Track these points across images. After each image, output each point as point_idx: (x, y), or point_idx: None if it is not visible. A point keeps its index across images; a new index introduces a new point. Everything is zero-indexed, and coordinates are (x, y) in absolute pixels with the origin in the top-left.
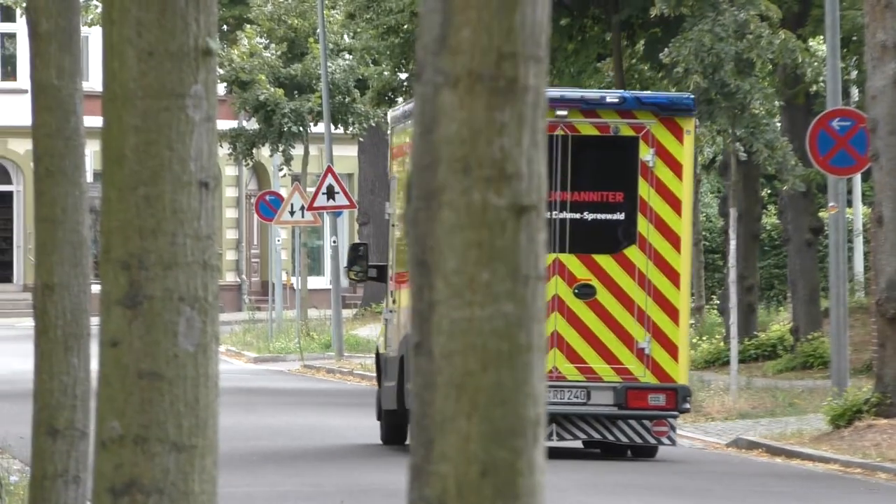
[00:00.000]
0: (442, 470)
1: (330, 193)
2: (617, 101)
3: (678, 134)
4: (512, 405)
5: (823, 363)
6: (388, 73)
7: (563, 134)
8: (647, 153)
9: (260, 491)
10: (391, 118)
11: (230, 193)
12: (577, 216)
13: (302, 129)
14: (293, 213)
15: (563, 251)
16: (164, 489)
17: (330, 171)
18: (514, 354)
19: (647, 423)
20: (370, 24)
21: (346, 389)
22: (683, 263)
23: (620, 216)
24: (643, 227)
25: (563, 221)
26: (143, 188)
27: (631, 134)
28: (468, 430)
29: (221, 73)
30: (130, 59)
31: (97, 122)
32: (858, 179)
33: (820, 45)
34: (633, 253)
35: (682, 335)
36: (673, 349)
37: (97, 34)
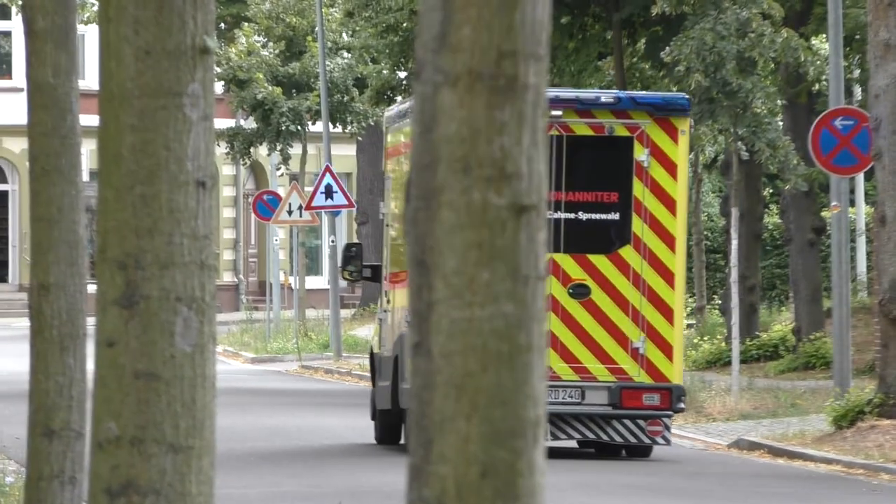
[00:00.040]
0: (441, 470)
1: (328, 193)
2: (612, 101)
3: (673, 134)
4: (512, 406)
5: (826, 363)
6: (386, 71)
7: (557, 134)
8: (641, 153)
9: (257, 492)
10: (386, 118)
11: (227, 193)
12: (571, 216)
13: (300, 128)
14: (291, 212)
15: (557, 251)
16: (160, 490)
17: (328, 170)
18: (514, 355)
19: (641, 422)
20: (369, 22)
21: (344, 390)
22: (678, 263)
23: (615, 216)
24: (638, 227)
25: (557, 221)
26: (139, 187)
27: (626, 134)
28: (468, 430)
29: (219, 71)
30: (127, 57)
31: (93, 120)
32: (861, 179)
33: (822, 43)
34: (627, 253)
35: (676, 335)
36: (667, 349)
37: (94, 32)
